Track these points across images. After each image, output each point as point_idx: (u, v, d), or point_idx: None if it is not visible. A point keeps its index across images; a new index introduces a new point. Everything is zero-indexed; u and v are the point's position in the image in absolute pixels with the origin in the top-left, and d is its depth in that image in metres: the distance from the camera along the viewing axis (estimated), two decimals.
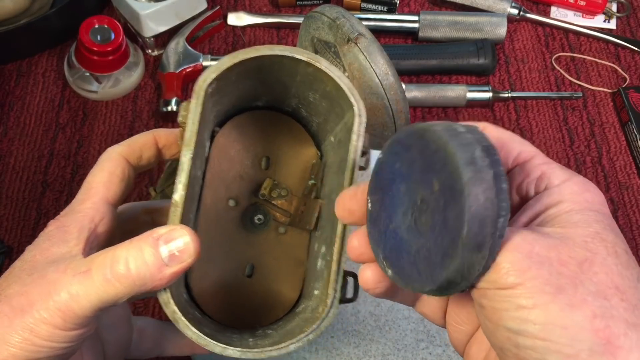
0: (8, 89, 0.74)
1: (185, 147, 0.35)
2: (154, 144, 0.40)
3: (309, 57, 0.36)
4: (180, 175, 0.35)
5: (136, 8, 0.72)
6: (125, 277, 0.32)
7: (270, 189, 0.42)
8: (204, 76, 0.35)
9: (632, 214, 0.68)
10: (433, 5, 0.83)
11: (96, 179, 0.37)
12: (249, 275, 0.42)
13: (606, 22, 0.82)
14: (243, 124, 0.43)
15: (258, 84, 0.40)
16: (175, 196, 0.34)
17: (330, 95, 0.38)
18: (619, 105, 0.75)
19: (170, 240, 0.33)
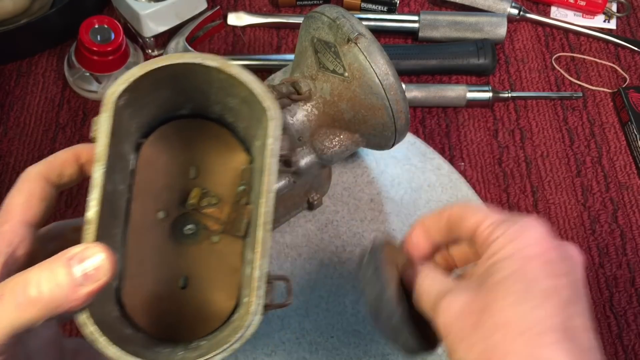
0: (8, 89, 0.74)
1: (97, 163, 0.34)
2: (74, 160, 0.38)
3: (219, 63, 0.36)
4: (93, 191, 0.34)
5: (136, 8, 0.72)
6: (38, 300, 0.31)
7: (199, 198, 0.41)
8: (112, 88, 0.35)
9: (632, 214, 0.68)
10: (433, 5, 0.83)
11: (14, 201, 0.36)
12: (183, 287, 0.41)
13: (606, 22, 0.82)
14: (169, 133, 0.42)
15: (177, 93, 0.39)
16: (88, 213, 0.34)
17: (247, 100, 0.38)
18: (619, 105, 0.75)
19: (84, 259, 0.32)
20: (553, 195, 0.69)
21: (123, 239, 0.40)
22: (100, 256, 0.32)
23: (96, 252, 0.32)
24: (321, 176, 0.63)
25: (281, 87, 0.55)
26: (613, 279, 0.64)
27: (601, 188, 0.70)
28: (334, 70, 0.55)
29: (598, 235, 0.67)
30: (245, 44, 0.79)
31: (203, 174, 0.43)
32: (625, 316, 0.63)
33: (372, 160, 0.68)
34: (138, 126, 0.40)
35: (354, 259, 0.63)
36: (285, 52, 0.78)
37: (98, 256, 0.32)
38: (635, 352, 0.61)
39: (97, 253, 0.32)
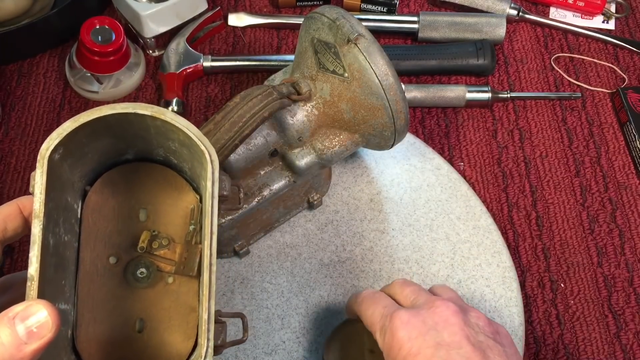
0: (9, 90, 0.75)
1: (35, 219, 0.34)
2: (18, 213, 0.38)
3: (152, 111, 0.36)
4: (33, 248, 0.33)
5: (137, 9, 0.73)
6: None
7: (149, 241, 0.42)
8: (46, 144, 0.35)
9: (630, 213, 0.68)
10: (432, 6, 0.83)
11: None
12: (140, 331, 0.41)
13: (605, 23, 0.82)
14: (115, 178, 0.42)
15: (117, 140, 0.39)
16: (31, 270, 0.33)
17: (186, 144, 0.38)
18: (618, 105, 0.75)
19: (27, 317, 0.31)
20: (552, 195, 0.69)
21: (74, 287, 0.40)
22: (43, 313, 0.31)
23: (39, 309, 0.32)
24: (321, 176, 0.63)
25: (281, 87, 0.55)
26: (611, 278, 0.65)
27: (600, 188, 0.70)
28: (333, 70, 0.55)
29: (597, 235, 0.67)
30: (246, 44, 0.79)
31: (153, 216, 0.42)
32: (624, 315, 0.63)
33: (372, 160, 0.68)
34: (81, 175, 0.40)
35: (354, 258, 0.63)
36: (286, 52, 0.79)
37: (41, 313, 0.31)
38: (633, 351, 0.61)
39: (40, 310, 0.31)
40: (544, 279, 0.64)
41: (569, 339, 0.62)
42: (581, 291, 0.64)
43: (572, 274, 0.65)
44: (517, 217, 0.68)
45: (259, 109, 0.52)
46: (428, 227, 0.65)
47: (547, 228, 0.67)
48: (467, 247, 0.64)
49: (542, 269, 0.65)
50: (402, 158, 0.68)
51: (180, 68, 0.74)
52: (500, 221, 0.67)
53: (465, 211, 0.65)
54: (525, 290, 0.64)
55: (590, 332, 0.62)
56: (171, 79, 0.73)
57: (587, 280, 0.64)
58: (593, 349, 0.61)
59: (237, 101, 0.53)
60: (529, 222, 0.67)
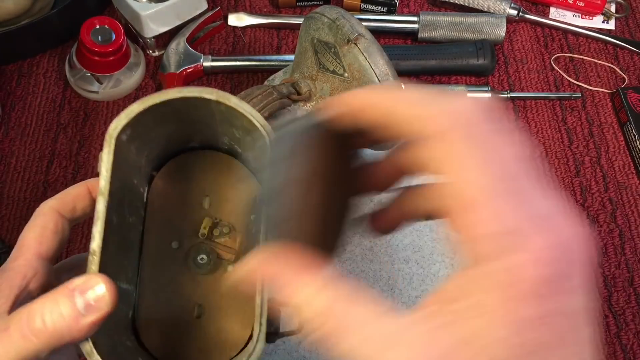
0: (9, 90, 0.75)
1: (100, 196, 0.35)
2: (87, 194, 0.39)
3: (217, 95, 0.36)
4: (96, 224, 0.34)
5: (137, 9, 0.73)
6: (42, 331, 0.32)
7: (210, 228, 0.42)
8: (114, 124, 0.35)
9: (630, 213, 0.68)
10: (432, 6, 0.83)
11: (28, 235, 0.37)
12: (198, 316, 0.42)
13: (605, 23, 0.82)
14: (181, 165, 0.43)
15: (183, 126, 0.40)
16: (93, 245, 0.34)
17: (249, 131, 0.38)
18: (618, 105, 0.75)
19: (85, 290, 0.32)
20: None
21: (137, 269, 0.41)
22: (101, 287, 0.33)
23: (97, 283, 0.33)
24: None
25: (281, 87, 0.55)
26: (612, 278, 0.65)
27: (600, 188, 0.70)
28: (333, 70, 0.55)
29: (597, 235, 0.67)
30: (246, 44, 0.79)
31: (215, 204, 0.43)
32: (624, 315, 0.63)
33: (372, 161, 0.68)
34: (148, 160, 0.41)
35: (354, 258, 0.63)
36: (286, 52, 0.79)
37: (100, 287, 0.33)
38: (634, 351, 0.61)
39: (99, 284, 0.33)
40: None
41: None
42: None
43: None
44: None
45: (259, 109, 0.52)
46: (428, 227, 0.65)
47: None
48: None
49: None
50: None
51: (180, 68, 0.74)
52: None
53: None
54: None
55: None
56: (171, 79, 0.73)
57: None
58: None
59: None
60: None
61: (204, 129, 0.40)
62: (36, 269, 0.36)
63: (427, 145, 0.26)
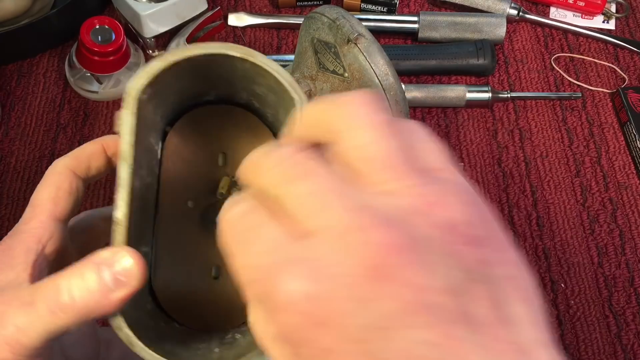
0: (9, 90, 0.75)
1: (122, 162, 0.33)
2: (102, 152, 0.37)
3: (242, 52, 0.35)
4: (120, 191, 0.32)
5: (137, 9, 0.73)
6: (70, 307, 0.31)
7: (228, 187, 0.41)
8: (133, 83, 0.33)
9: (630, 214, 0.68)
10: (432, 6, 0.83)
11: (42, 195, 0.35)
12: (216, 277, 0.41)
13: (605, 23, 0.82)
14: (195, 120, 0.41)
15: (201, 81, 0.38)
16: (117, 214, 0.32)
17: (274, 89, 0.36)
18: (618, 105, 0.75)
19: (113, 265, 0.31)
20: (552, 195, 0.69)
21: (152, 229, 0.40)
22: (130, 261, 0.31)
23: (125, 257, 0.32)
24: None
25: None
26: (612, 278, 0.65)
27: (600, 188, 0.70)
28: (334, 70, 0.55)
29: (597, 235, 0.67)
30: (246, 44, 0.79)
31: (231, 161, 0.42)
32: (624, 315, 0.63)
33: None
34: (162, 115, 0.40)
35: None
36: (286, 52, 0.79)
37: (128, 261, 0.31)
38: (634, 351, 0.61)
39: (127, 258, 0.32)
40: (544, 279, 0.64)
41: (569, 339, 0.62)
42: (582, 291, 0.64)
43: (572, 274, 0.65)
44: (517, 217, 0.68)
45: None
46: None
47: (548, 228, 0.67)
48: None
49: (543, 269, 0.65)
50: None
51: None
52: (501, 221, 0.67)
53: None
54: None
55: (591, 333, 0.62)
56: None
57: (587, 280, 0.64)
58: (594, 349, 0.61)
59: None
60: (529, 222, 0.67)
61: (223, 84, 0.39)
62: (51, 231, 0.35)
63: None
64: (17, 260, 0.33)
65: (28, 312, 0.31)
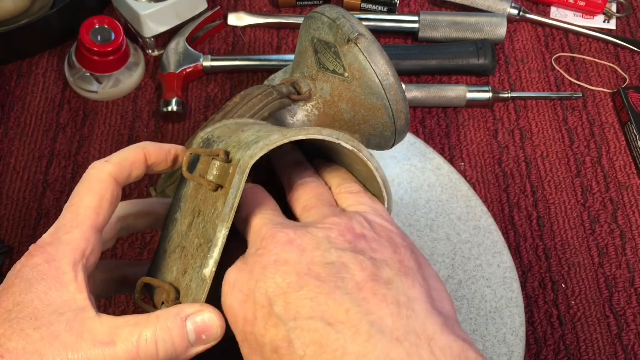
0: (8, 89, 0.74)
1: (221, 223, 0.32)
2: (143, 161, 0.37)
3: (352, 145, 0.35)
4: (213, 251, 0.32)
5: (136, 8, 0.73)
6: (152, 357, 0.31)
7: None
8: (251, 153, 0.33)
9: (631, 214, 0.68)
10: (433, 6, 0.83)
11: (85, 203, 0.34)
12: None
13: (606, 22, 0.82)
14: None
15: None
16: (205, 271, 0.32)
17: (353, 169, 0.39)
18: (619, 105, 0.75)
19: (197, 322, 0.32)
20: (553, 195, 0.69)
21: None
22: (213, 319, 0.32)
23: (209, 315, 0.32)
24: None
25: (281, 87, 0.55)
26: (612, 278, 0.64)
27: (601, 188, 0.70)
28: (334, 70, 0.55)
29: (598, 235, 0.67)
30: (245, 44, 0.79)
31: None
32: (625, 316, 0.63)
33: None
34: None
35: None
36: (285, 52, 0.78)
37: (211, 320, 0.32)
38: (634, 351, 0.61)
39: (211, 317, 0.32)
40: (545, 280, 0.64)
41: (570, 339, 0.61)
42: (582, 291, 0.64)
43: (573, 274, 0.65)
44: (517, 217, 0.68)
45: (259, 109, 0.52)
46: (428, 228, 0.64)
47: (548, 228, 0.67)
48: (468, 248, 0.63)
49: (543, 270, 0.65)
50: (402, 158, 0.68)
51: (179, 68, 0.73)
52: (501, 221, 0.67)
53: (465, 211, 0.65)
54: (526, 291, 0.63)
55: (592, 333, 0.62)
56: (171, 78, 0.73)
57: (588, 280, 0.64)
58: (594, 349, 0.61)
59: (236, 101, 0.53)
60: (529, 222, 0.67)
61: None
62: (93, 243, 0.34)
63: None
64: (67, 277, 0.32)
65: (105, 351, 0.31)
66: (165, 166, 0.38)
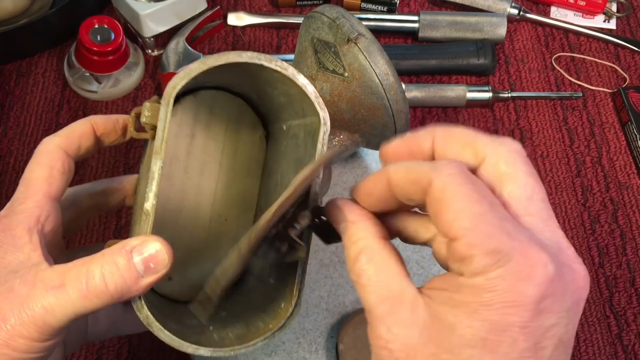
0: (8, 89, 0.74)
1: (157, 156, 0.34)
2: (92, 132, 0.38)
3: (277, 65, 0.36)
4: (151, 184, 0.34)
5: (136, 8, 0.72)
6: (103, 292, 0.32)
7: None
8: (173, 83, 0.35)
9: (631, 214, 0.68)
10: (433, 5, 0.83)
11: (36, 175, 0.36)
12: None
13: (606, 22, 0.82)
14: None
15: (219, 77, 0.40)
16: (147, 205, 0.34)
17: (290, 95, 0.38)
18: (619, 105, 0.75)
19: (143, 252, 0.33)
20: (553, 195, 0.69)
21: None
22: (160, 249, 0.33)
23: (155, 245, 0.33)
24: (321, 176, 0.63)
25: None
26: (613, 278, 0.64)
27: (601, 188, 0.70)
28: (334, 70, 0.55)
29: (598, 235, 0.67)
30: (245, 44, 0.79)
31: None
32: (625, 316, 0.63)
33: (372, 160, 0.68)
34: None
35: None
36: (285, 52, 0.78)
37: (158, 249, 0.33)
38: (635, 352, 0.61)
39: (157, 246, 0.33)
40: None
41: None
42: None
43: None
44: None
45: None
46: None
47: None
48: None
49: None
50: None
51: (179, 67, 0.73)
52: None
53: None
54: None
55: (592, 333, 0.62)
56: (170, 78, 0.73)
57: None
58: (594, 349, 0.61)
59: None
60: None
61: (231, 78, 0.41)
62: (48, 210, 0.36)
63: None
64: (22, 241, 0.34)
65: (57, 295, 0.32)
66: (115, 136, 0.39)
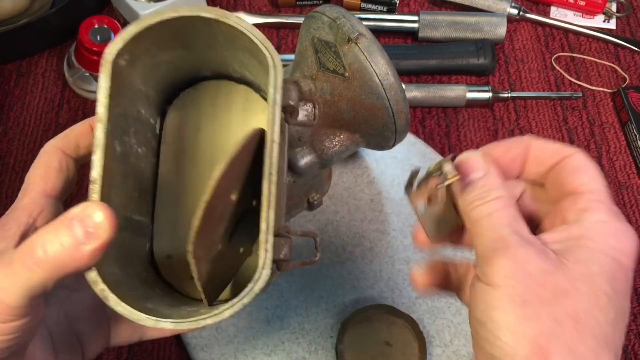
0: (8, 89, 0.74)
1: (99, 123, 0.34)
2: (90, 132, 0.40)
3: (215, 14, 0.34)
4: (96, 151, 0.34)
5: (136, 8, 0.72)
6: (44, 261, 0.32)
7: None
8: (109, 48, 0.34)
9: (632, 214, 0.68)
10: (433, 5, 0.83)
11: (33, 174, 0.38)
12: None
13: (606, 22, 0.82)
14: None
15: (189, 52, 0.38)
16: (93, 173, 0.34)
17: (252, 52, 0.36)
18: (619, 105, 0.75)
19: (84, 219, 0.32)
20: None
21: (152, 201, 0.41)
22: (99, 214, 0.32)
23: (95, 210, 0.32)
24: (321, 176, 0.63)
25: None
26: None
27: None
28: (334, 70, 0.55)
29: None
30: None
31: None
32: None
33: (373, 161, 0.68)
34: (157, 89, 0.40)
35: (353, 259, 0.62)
36: (285, 52, 0.78)
37: (97, 215, 0.32)
38: (635, 352, 0.61)
39: (96, 211, 0.32)
40: None
41: None
42: None
43: None
44: None
45: None
46: None
47: None
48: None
49: None
50: (402, 158, 0.68)
51: None
52: None
53: None
54: None
55: None
56: None
57: None
58: None
59: None
60: None
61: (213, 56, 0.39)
62: (42, 206, 0.37)
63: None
64: (9, 233, 0.35)
65: (7, 272, 0.32)
66: None
